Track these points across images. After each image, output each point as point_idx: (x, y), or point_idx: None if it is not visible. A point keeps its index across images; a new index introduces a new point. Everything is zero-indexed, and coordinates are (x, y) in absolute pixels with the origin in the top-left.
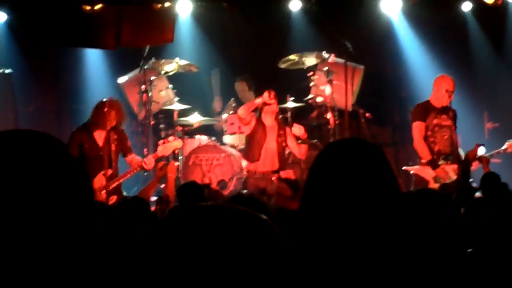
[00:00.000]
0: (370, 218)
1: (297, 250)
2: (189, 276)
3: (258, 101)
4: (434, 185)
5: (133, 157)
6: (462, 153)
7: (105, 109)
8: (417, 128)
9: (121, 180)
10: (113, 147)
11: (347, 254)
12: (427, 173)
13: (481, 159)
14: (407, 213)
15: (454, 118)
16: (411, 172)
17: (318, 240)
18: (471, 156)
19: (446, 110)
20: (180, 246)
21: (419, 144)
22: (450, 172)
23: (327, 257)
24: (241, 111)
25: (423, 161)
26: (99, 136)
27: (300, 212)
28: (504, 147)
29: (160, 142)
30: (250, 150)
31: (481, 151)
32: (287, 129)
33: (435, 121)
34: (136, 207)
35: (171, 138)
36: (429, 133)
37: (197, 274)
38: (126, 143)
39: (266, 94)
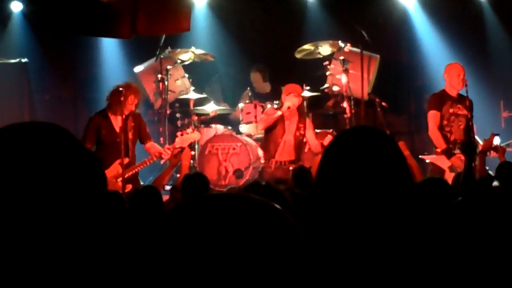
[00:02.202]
0: (380, 205)
1: (311, 239)
2: (198, 267)
3: (278, 114)
4: (449, 174)
5: (152, 145)
6: (479, 141)
7: (123, 94)
8: (432, 117)
9: (138, 169)
10: (130, 134)
11: (357, 241)
12: (443, 162)
13: (496, 148)
14: (417, 200)
15: (470, 108)
16: (427, 161)
17: (328, 226)
18: (487, 146)
19: (462, 99)
20: (190, 236)
21: (434, 133)
22: None
23: (338, 243)
24: (260, 125)
25: (438, 150)
26: (117, 122)
27: (312, 197)
28: None
29: (178, 133)
30: (267, 145)
31: (497, 140)
32: (308, 120)
33: (451, 110)
34: (148, 196)
35: (189, 130)
36: (445, 122)
37: (207, 264)
38: (144, 129)
39: (285, 107)
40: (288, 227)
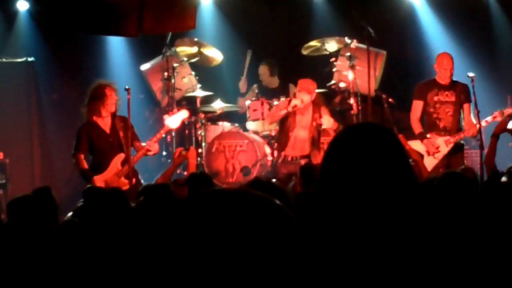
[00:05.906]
0: (382, 202)
1: (312, 236)
2: (199, 262)
3: (283, 112)
4: (428, 158)
5: (139, 146)
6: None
7: (102, 94)
8: (414, 106)
9: (134, 162)
10: (121, 133)
11: (359, 237)
12: (418, 146)
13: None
14: (424, 198)
15: (463, 93)
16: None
17: (331, 221)
18: (501, 129)
19: (451, 86)
20: (192, 231)
21: (412, 120)
22: (441, 144)
23: (340, 239)
24: (267, 119)
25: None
26: (105, 124)
27: (315, 194)
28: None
29: (165, 116)
30: (281, 137)
31: None
32: (322, 108)
33: (436, 98)
34: (159, 193)
35: (175, 110)
36: (431, 109)
37: (208, 259)
38: (131, 131)
39: (291, 106)
40: (288, 223)
